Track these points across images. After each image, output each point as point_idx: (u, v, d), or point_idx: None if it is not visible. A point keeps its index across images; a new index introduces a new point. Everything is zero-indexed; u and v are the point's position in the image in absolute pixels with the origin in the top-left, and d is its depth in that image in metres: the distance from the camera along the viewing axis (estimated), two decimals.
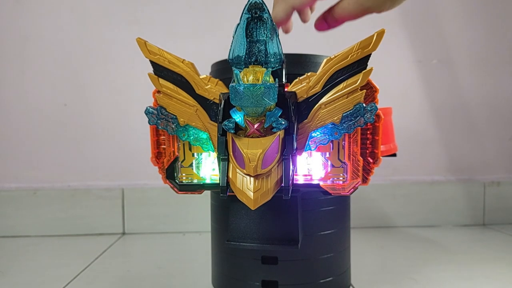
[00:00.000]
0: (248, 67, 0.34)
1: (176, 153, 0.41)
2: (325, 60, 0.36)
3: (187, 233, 0.85)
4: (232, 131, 0.34)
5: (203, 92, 0.37)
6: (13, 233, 0.83)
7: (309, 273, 0.47)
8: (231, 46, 0.34)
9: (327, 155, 0.39)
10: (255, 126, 0.33)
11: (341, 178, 0.38)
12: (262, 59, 0.33)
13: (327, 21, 0.43)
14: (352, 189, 0.37)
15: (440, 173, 0.92)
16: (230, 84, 0.33)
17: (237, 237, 0.41)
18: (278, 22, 0.42)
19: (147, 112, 0.39)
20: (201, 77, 0.37)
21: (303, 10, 0.45)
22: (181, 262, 0.66)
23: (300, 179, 0.39)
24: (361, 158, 0.37)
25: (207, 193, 0.49)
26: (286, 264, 0.46)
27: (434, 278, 0.57)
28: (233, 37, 0.33)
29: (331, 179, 0.39)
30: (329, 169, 0.39)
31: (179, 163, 0.41)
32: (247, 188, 0.32)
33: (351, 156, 0.38)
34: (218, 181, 0.40)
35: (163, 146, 0.41)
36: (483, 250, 0.71)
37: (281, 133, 0.34)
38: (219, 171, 0.34)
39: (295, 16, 0.45)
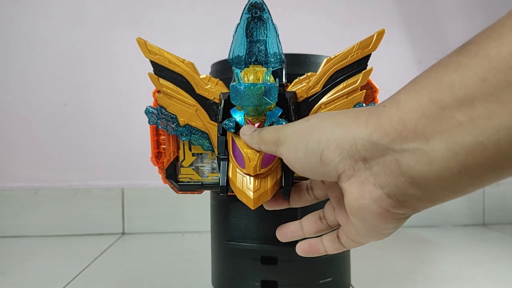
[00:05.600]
0: (248, 67, 0.34)
1: (176, 153, 0.41)
2: (325, 60, 0.36)
3: (186, 233, 0.85)
4: (232, 130, 0.34)
5: (203, 92, 0.38)
6: (13, 233, 0.83)
7: (309, 273, 0.47)
8: (231, 46, 0.34)
9: None
10: (256, 125, 0.33)
11: None
12: (262, 59, 0.33)
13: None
14: None
15: None
16: (231, 83, 0.33)
17: (237, 237, 0.41)
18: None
19: (147, 112, 0.39)
20: (201, 77, 0.38)
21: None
22: (181, 262, 0.66)
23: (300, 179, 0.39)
24: None
25: (207, 193, 0.49)
26: (286, 264, 0.46)
27: (434, 278, 0.57)
28: (233, 37, 0.33)
29: None
30: None
31: (179, 163, 0.41)
32: (247, 188, 0.32)
33: None
34: (218, 181, 0.40)
35: (163, 146, 0.41)
36: (483, 250, 0.71)
37: None
38: (219, 171, 0.34)
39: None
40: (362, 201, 0.24)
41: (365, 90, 0.36)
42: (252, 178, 0.32)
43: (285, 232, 0.34)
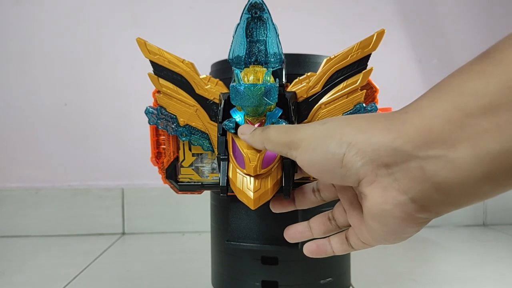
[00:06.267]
0: (248, 67, 0.34)
1: (176, 153, 0.41)
2: (325, 60, 0.36)
3: (186, 233, 0.85)
4: (232, 131, 0.34)
5: (203, 92, 0.37)
6: (13, 233, 0.83)
7: (309, 273, 0.47)
8: (231, 46, 0.34)
9: None
10: (255, 126, 0.33)
11: None
12: (262, 59, 0.33)
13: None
14: None
15: None
16: (231, 84, 0.33)
17: (237, 237, 0.41)
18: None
19: (147, 112, 0.39)
20: (201, 77, 0.37)
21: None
22: (181, 262, 0.66)
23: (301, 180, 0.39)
24: None
25: (207, 193, 0.49)
26: (286, 265, 0.46)
27: (434, 278, 0.57)
28: (233, 37, 0.33)
29: None
30: None
31: (179, 163, 0.41)
32: (247, 188, 0.32)
33: None
34: (218, 181, 0.40)
35: (163, 146, 0.41)
36: (483, 250, 0.71)
37: None
38: (219, 171, 0.34)
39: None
40: (385, 206, 0.24)
41: (365, 90, 0.36)
42: (252, 179, 0.32)
43: (294, 233, 0.34)
